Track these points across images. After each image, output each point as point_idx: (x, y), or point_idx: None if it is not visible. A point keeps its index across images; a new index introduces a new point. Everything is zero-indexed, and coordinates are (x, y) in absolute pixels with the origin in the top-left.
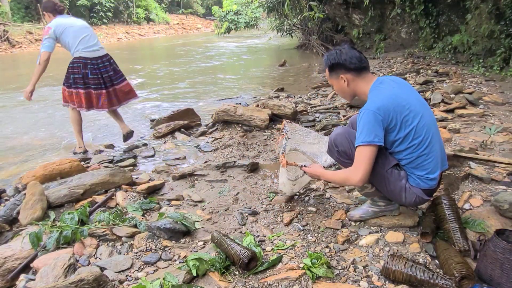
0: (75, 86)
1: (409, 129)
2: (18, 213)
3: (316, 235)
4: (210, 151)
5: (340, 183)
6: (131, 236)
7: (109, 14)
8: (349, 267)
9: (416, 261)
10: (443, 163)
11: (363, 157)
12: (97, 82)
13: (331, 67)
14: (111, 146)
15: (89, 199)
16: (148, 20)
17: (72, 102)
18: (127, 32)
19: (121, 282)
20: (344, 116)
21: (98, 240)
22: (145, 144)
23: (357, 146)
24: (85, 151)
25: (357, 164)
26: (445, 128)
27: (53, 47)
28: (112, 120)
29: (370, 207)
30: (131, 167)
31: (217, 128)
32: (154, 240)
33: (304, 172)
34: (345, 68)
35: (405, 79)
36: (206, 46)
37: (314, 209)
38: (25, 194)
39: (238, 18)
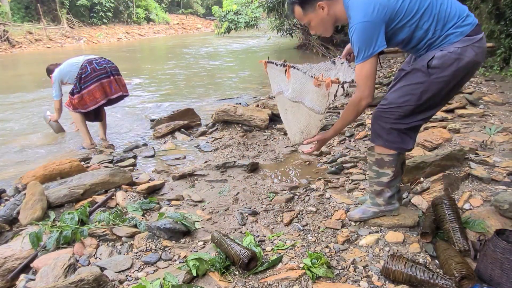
0: (85, 85)
1: (405, 15)
2: (18, 213)
3: (316, 235)
4: (210, 151)
5: (353, 114)
6: (131, 236)
7: (109, 14)
8: (349, 267)
9: (416, 261)
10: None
11: (365, 73)
12: (104, 71)
13: (303, 2)
14: (111, 146)
15: (89, 199)
16: (148, 20)
17: (85, 105)
18: (127, 32)
19: (121, 282)
20: None
21: (98, 240)
22: (145, 144)
23: (356, 65)
24: (94, 145)
25: (360, 82)
26: (445, 128)
27: (59, 94)
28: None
29: (369, 207)
30: (131, 167)
31: (217, 128)
32: (154, 240)
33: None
34: None
35: None
36: (206, 46)
37: (314, 209)
38: (25, 194)
39: (238, 18)
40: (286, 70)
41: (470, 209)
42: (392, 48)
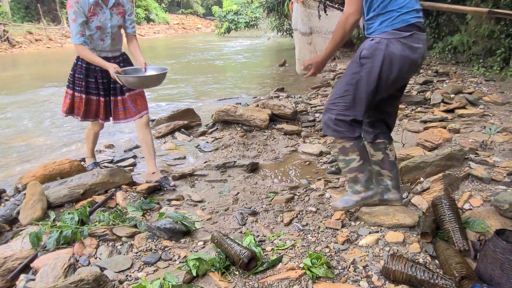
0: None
1: None
2: (18, 213)
3: (316, 235)
4: (210, 151)
5: (341, 32)
6: (131, 236)
7: None
8: (349, 267)
9: (416, 261)
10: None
11: None
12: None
13: None
14: (111, 146)
15: (89, 199)
16: (148, 20)
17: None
18: None
19: (121, 282)
20: None
21: (98, 240)
22: None
23: None
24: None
25: (348, 1)
26: (445, 128)
27: None
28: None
29: (351, 196)
30: (131, 167)
31: (217, 128)
32: (154, 240)
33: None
34: None
35: None
36: (206, 46)
37: (314, 209)
38: (25, 194)
39: (238, 18)
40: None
41: (470, 209)
42: None
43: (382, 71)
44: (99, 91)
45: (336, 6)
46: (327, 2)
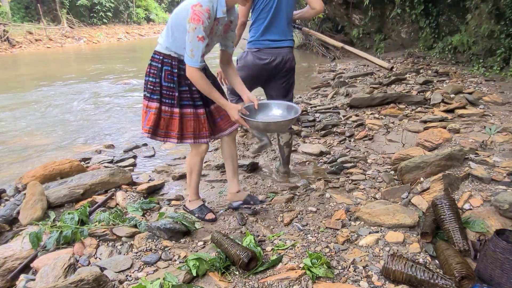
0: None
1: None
2: (18, 213)
3: (316, 235)
4: (210, 151)
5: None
6: (131, 236)
7: (109, 14)
8: (349, 267)
9: (416, 261)
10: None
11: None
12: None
13: None
14: (111, 146)
15: (89, 199)
16: (148, 20)
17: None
18: (127, 32)
19: (121, 282)
20: (344, 116)
21: (98, 240)
22: (145, 144)
23: None
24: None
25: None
26: (445, 128)
27: None
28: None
29: (256, 145)
30: (131, 167)
31: None
32: (154, 240)
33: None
34: None
35: (405, 79)
36: None
37: (314, 209)
38: (25, 194)
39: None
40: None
41: (470, 209)
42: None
43: (248, 71)
44: (194, 102)
45: None
46: None
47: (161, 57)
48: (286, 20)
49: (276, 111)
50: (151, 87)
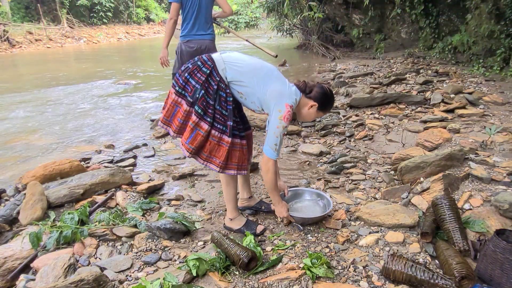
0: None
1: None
2: (18, 213)
3: (316, 235)
4: None
5: None
6: (131, 236)
7: (109, 14)
8: (349, 267)
9: (416, 261)
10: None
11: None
12: None
13: None
14: (111, 146)
15: (89, 199)
16: (148, 20)
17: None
18: (127, 32)
19: (121, 282)
20: (344, 116)
21: (98, 240)
22: (145, 144)
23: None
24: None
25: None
26: (445, 128)
27: None
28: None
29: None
30: (131, 167)
31: None
32: (154, 240)
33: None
34: None
35: (405, 79)
36: None
37: None
38: (25, 194)
39: (238, 18)
40: None
41: (470, 209)
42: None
43: (182, 56)
44: (239, 132)
45: None
46: None
47: (218, 78)
48: (205, 19)
49: (307, 197)
50: (205, 105)
